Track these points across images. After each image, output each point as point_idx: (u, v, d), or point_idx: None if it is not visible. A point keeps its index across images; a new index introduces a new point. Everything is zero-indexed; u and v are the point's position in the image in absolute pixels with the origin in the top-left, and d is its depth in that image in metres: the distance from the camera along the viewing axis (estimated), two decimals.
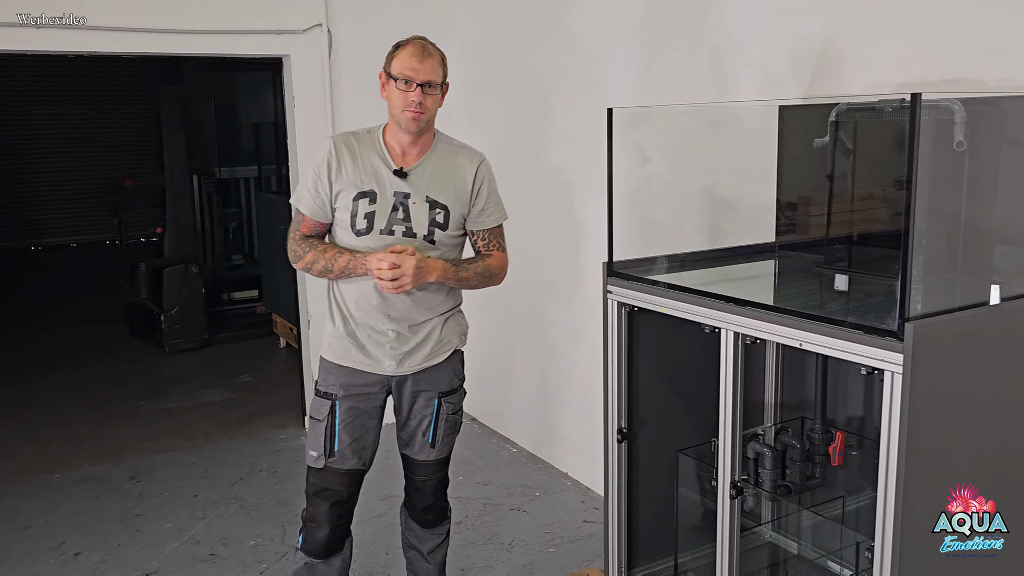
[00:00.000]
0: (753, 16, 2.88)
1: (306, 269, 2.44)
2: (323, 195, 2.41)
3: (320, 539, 2.51)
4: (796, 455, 2.46)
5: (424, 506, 2.66)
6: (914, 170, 1.68)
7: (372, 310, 2.42)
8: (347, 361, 2.46)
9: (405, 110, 2.33)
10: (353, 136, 2.46)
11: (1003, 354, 1.89)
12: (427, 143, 2.46)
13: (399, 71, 2.33)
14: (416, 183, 2.41)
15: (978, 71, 2.23)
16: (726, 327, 2.12)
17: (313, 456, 2.48)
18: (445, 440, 2.59)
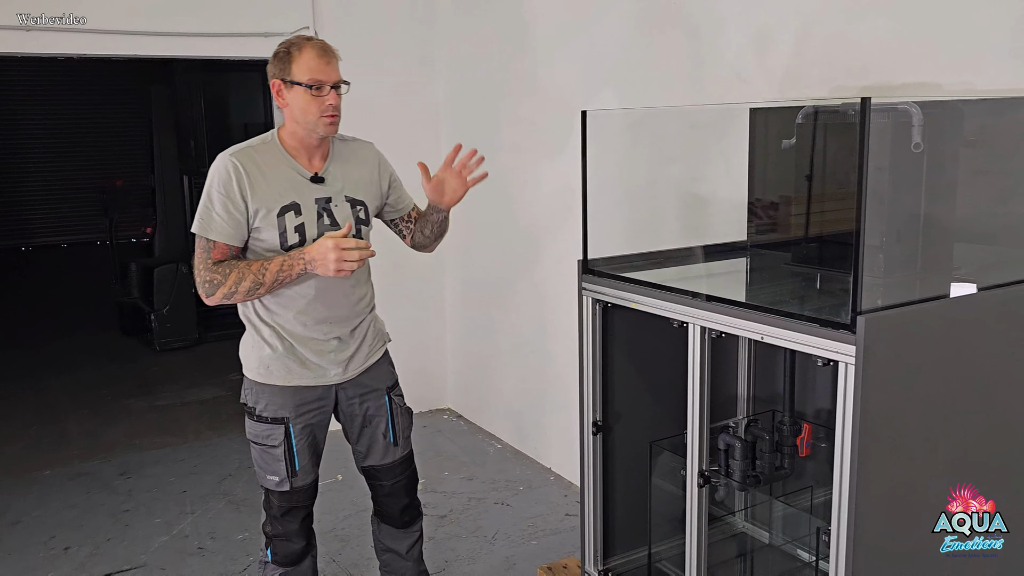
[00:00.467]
0: (724, 19, 2.97)
1: (228, 295, 2.24)
2: (237, 216, 2.24)
3: (295, 551, 2.52)
4: (765, 446, 2.54)
5: (401, 507, 2.65)
6: (864, 171, 1.76)
7: (316, 323, 2.36)
8: (291, 381, 2.38)
9: (322, 115, 2.25)
10: (252, 150, 2.32)
11: (956, 346, 1.97)
12: (326, 144, 2.40)
13: (308, 76, 2.23)
14: (333, 185, 2.37)
15: (937, 75, 2.32)
16: (693, 322, 2.20)
17: (275, 480, 2.42)
18: (404, 434, 2.60)
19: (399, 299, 4.77)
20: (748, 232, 2.77)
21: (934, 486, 2.00)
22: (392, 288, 3.58)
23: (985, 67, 2.21)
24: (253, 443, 2.43)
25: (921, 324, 1.91)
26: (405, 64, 4.73)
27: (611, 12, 3.46)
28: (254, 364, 2.41)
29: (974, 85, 2.23)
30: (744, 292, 2.68)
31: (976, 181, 2.26)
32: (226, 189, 2.24)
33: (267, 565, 2.55)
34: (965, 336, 1.99)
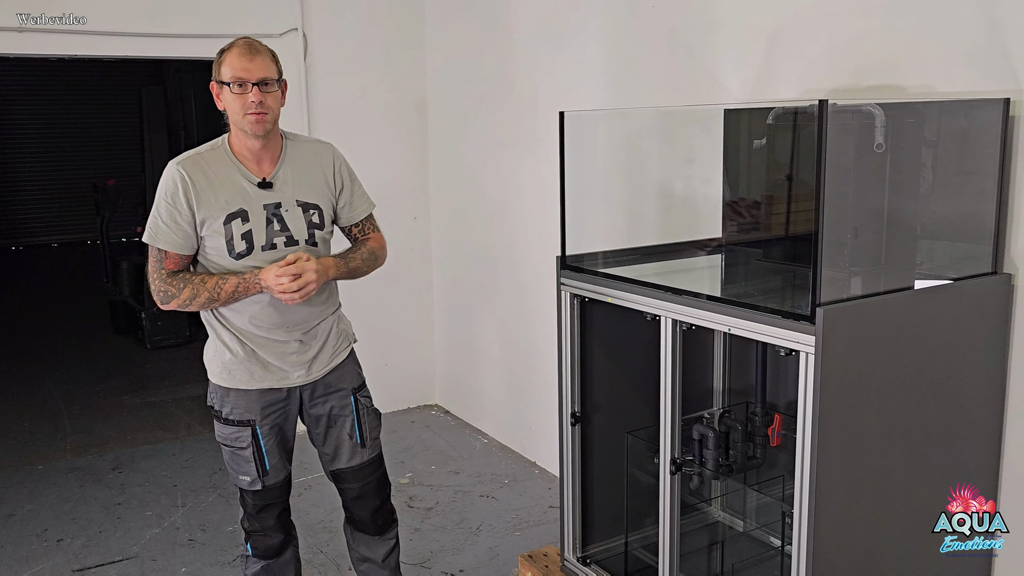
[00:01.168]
0: (699, 23, 3.05)
1: (183, 306, 2.26)
2: (185, 226, 2.24)
3: (274, 545, 2.55)
4: (738, 436, 2.63)
5: (372, 510, 2.60)
6: (822, 170, 1.85)
7: (272, 327, 2.34)
8: (254, 384, 2.37)
9: (246, 113, 2.22)
10: (199, 157, 2.30)
11: (914, 338, 2.07)
12: (277, 146, 2.36)
13: (231, 75, 2.22)
14: (282, 190, 2.33)
15: (899, 79, 2.41)
16: (664, 315, 2.29)
17: (247, 481, 2.44)
18: (372, 435, 2.56)
19: (387, 297, 4.86)
20: (722, 229, 2.86)
21: (892, 472, 2.10)
22: (380, 286, 3.66)
23: (944, 71, 2.30)
24: (223, 445, 2.45)
25: (880, 316, 2.00)
26: (392, 65, 4.81)
27: (591, 16, 3.55)
28: (217, 369, 2.40)
29: (934, 88, 2.32)
30: (719, 287, 2.78)
31: (936, 179, 2.35)
32: (172, 199, 2.24)
33: (248, 559, 2.58)
34: (923, 328, 2.08)
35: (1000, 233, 2.20)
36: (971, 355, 2.17)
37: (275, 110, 2.28)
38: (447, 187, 4.83)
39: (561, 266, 2.66)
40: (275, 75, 2.28)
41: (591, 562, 2.79)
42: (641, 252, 2.85)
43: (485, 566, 3.35)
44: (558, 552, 2.94)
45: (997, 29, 2.18)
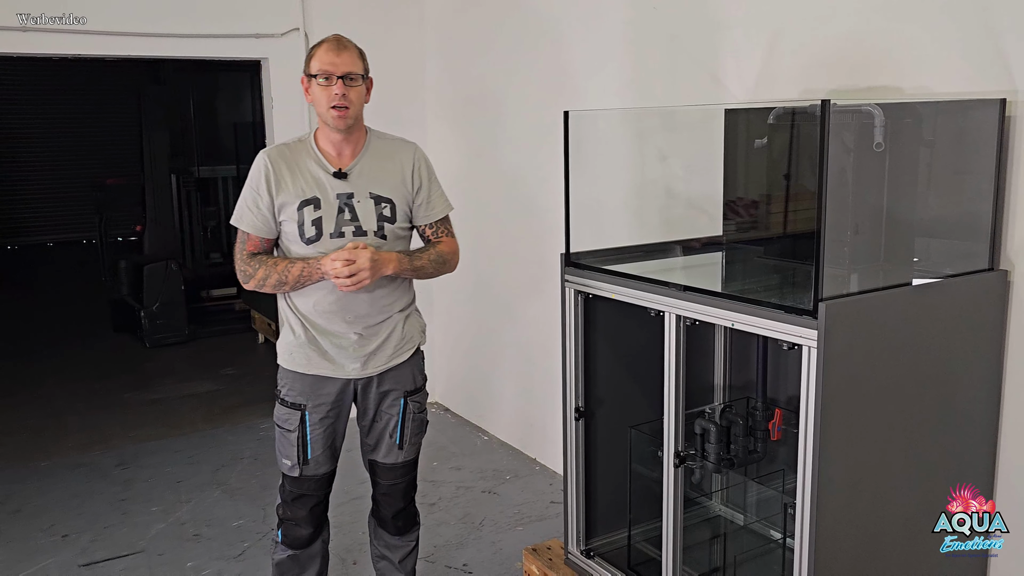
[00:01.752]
0: (701, 25, 3.10)
1: (259, 287, 2.41)
2: (265, 210, 2.39)
3: (303, 536, 2.59)
4: (739, 431, 2.68)
5: (395, 512, 2.67)
6: (824, 168, 1.89)
7: (330, 316, 2.42)
8: (311, 369, 2.45)
9: (330, 106, 2.32)
10: (286, 147, 2.44)
11: (913, 332, 2.12)
12: (360, 140, 2.45)
13: (318, 68, 2.33)
14: (357, 181, 2.42)
15: (898, 80, 2.46)
16: (668, 310, 2.34)
17: (288, 465, 2.51)
18: (412, 440, 2.59)
19: None
20: (724, 227, 2.91)
21: (890, 464, 2.15)
22: None
23: (941, 72, 2.36)
24: (276, 425, 2.54)
25: (880, 311, 2.05)
26: (395, 64, 4.84)
27: (594, 18, 3.59)
28: (282, 349, 2.51)
29: (931, 88, 2.37)
30: (719, 283, 2.82)
31: (933, 178, 2.40)
32: (256, 185, 2.40)
33: (278, 545, 2.63)
34: (922, 323, 2.13)
35: (996, 230, 2.25)
36: (968, 349, 2.22)
37: (357, 105, 2.38)
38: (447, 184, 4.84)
39: (565, 263, 2.70)
40: (360, 71, 2.37)
41: (595, 555, 2.84)
42: (642, 249, 2.90)
43: (488, 560, 3.39)
44: (561, 545, 2.99)
45: (993, 31, 2.23)
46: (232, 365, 6.18)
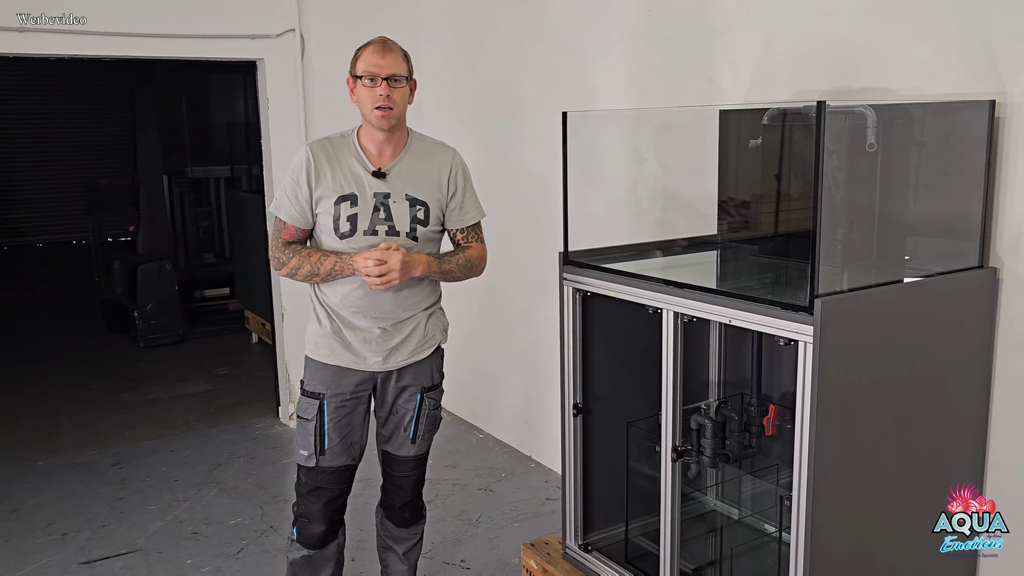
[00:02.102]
0: (696, 28, 3.15)
1: (291, 275, 2.47)
2: (303, 202, 2.45)
3: (316, 534, 2.60)
4: (734, 426, 2.73)
5: (403, 503, 2.72)
6: (819, 168, 1.94)
7: (357, 310, 2.47)
8: (333, 360, 2.50)
9: (374, 107, 2.38)
10: (328, 142, 2.50)
11: (906, 328, 2.17)
12: (401, 141, 2.52)
13: (363, 69, 2.39)
14: (394, 182, 2.47)
15: (890, 81, 2.51)
16: (666, 308, 2.38)
17: (304, 455, 2.53)
18: (425, 436, 2.65)
19: None
20: (719, 226, 2.95)
21: (884, 457, 2.19)
22: None
23: (932, 74, 2.41)
24: (297, 416, 2.59)
25: (874, 307, 2.10)
26: None
27: (590, 20, 3.63)
28: (308, 338, 2.56)
29: (922, 90, 2.42)
30: (715, 281, 2.87)
31: (924, 177, 2.45)
32: (296, 176, 2.46)
33: (293, 543, 2.65)
34: (913, 319, 2.18)
35: (985, 229, 2.30)
36: (959, 345, 2.28)
37: (401, 106, 2.44)
38: None
39: (564, 262, 2.74)
40: (404, 72, 2.44)
41: (592, 549, 2.88)
42: (639, 248, 2.94)
43: (486, 556, 3.43)
44: (559, 540, 3.02)
45: (983, 33, 2.28)
46: (226, 365, 6.19)
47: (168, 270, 6.74)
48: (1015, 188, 2.25)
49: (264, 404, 5.25)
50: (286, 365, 4.84)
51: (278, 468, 4.33)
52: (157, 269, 6.68)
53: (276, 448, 4.59)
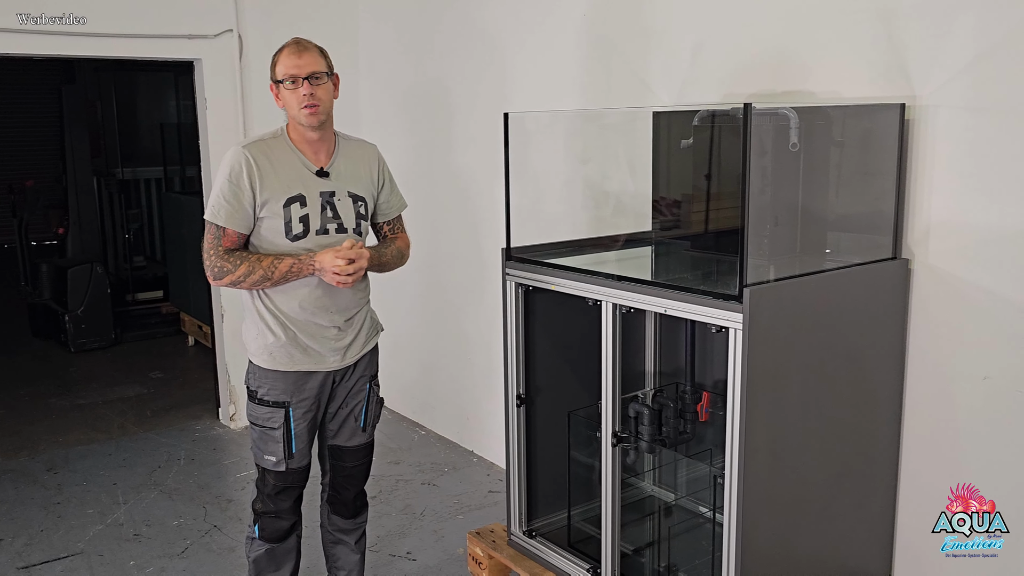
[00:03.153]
0: (630, 33, 3.28)
1: (235, 283, 2.40)
2: (246, 205, 2.39)
3: (284, 528, 2.64)
4: (670, 413, 2.86)
5: (355, 493, 2.77)
6: (747, 167, 2.07)
7: (318, 310, 2.48)
8: (294, 367, 2.50)
9: (301, 107, 2.38)
10: (263, 143, 2.46)
11: (827, 315, 2.32)
12: (332, 140, 2.54)
13: (283, 73, 2.40)
14: (337, 180, 2.50)
15: (810, 85, 2.67)
16: (605, 299, 2.49)
17: (272, 461, 2.54)
18: (373, 422, 2.71)
19: None
20: (653, 222, 3.08)
21: (808, 434, 2.35)
22: None
23: (849, 78, 2.58)
24: (253, 425, 2.57)
25: (798, 296, 2.25)
26: None
27: (527, 23, 3.74)
28: (258, 350, 2.52)
29: (841, 93, 2.59)
30: (650, 275, 3.00)
31: (843, 175, 2.62)
32: (236, 179, 2.39)
33: (254, 541, 2.66)
34: (834, 306, 2.34)
35: (898, 223, 2.48)
36: (875, 329, 2.45)
37: (326, 102, 2.44)
38: None
39: (506, 257, 2.83)
40: (324, 69, 2.43)
41: (536, 535, 2.97)
42: (577, 244, 3.05)
43: (431, 547, 3.49)
44: (504, 528, 3.11)
45: (895, 41, 2.46)
46: (161, 369, 6.10)
47: (99, 273, 6.60)
48: (924, 185, 2.44)
49: (202, 406, 5.21)
50: (226, 366, 4.81)
51: (219, 469, 4.32)
52: (88, 272, 6.54)
53: (217, 449, 4.57)
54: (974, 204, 2.34)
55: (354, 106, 4.98)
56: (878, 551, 2.61)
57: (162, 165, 8.13)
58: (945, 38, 2.35)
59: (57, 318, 6.61)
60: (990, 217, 2.31)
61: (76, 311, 6.48)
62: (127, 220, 7.86)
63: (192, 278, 6.24)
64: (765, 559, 2.30)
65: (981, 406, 2.39)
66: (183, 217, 6.42)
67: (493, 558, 3.05)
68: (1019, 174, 2.25)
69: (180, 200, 6.79)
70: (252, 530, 2.67)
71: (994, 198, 2.30)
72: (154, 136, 8.24)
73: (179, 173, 8.09)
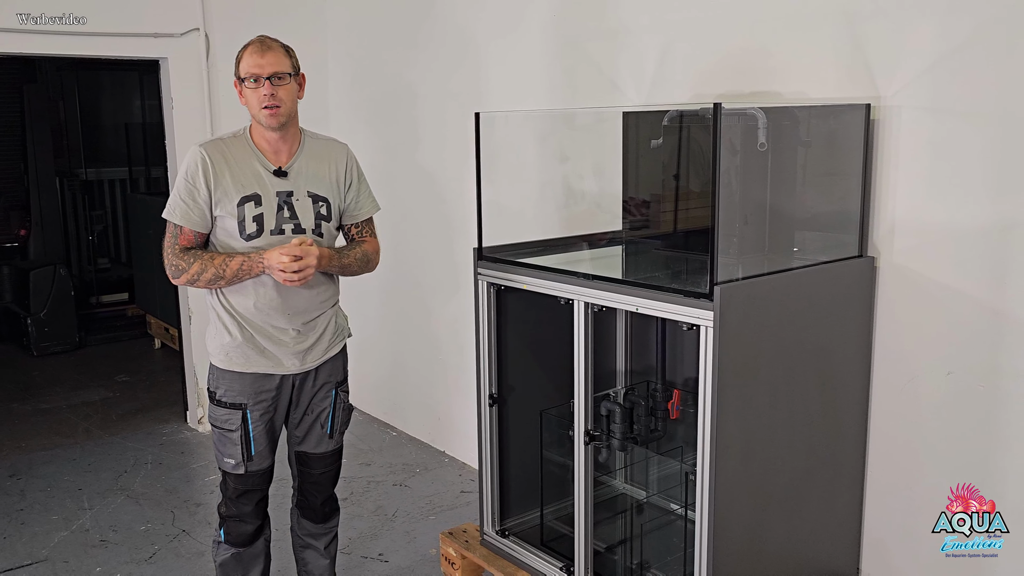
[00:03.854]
0: (600, 34, 3.30)
1: (191, 281, 2.39)
2: (202, 204, 2.38)
3: (248, 532, 2.61)
4: (641, 411, 2.88)
5: (324, 499, 2.74)
6: (717, 166, 2.10)
7: (272, 311, 2.45)
8: (250, 368, 2.47)
9: (261, 107, 2.35)
10: (221, 142, 2.45)
11: (795, 312, 2.36)
12: (295, 139, 2.49)
13: (246, 71, 2.36)
14: (296, 180, 2.46)
15: (779, 85, 2.71)
16: (577, 298, 2.50)
17: (231, 463, 2.52)
18: (341, 429, 2.68)
19: None
20: (623, 222, 3.10)
21: (778, 429, 2.38)
22: None
23: (815, 79, 2.61)
24: (213, 426, 2.54)
25: (767, 293, 2.28)
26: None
27: (497, 24, 3.74)
28: (215, 350, 2.50)
29: (807, 94, 2.62)
30: (621, 273, 3.01)
31: (810, 174, 2.66)
32: (192, 178, 2.38)
33: (220, 545, 2.64)
34: (802, 303, 2.38)
35: (864, 222, 2.52)
36: (842, 326, 2.49)
37: (288, 103, 2.40)
38: None
39: (478, 257, 2.83)
40: (288, 69, 2.40)
41: (509, 534, 2.98)
42: (548, 244, 3.06)
43: (403, 548, 3.48)
44: (477, 528, 3.11)
45: (859, 43, 2.50)
46: (127, 372, 6.01)
47: (63, 275, 6.49)
48: (889, 185, 2.48)
49: (170, 409, 5.15)
50: (194, 369, 4.76)
51: (187, 472, 4.27)
52: (51, 274, 6.43)
53: (185, 453, 4.52)
54: (936, 203, 2.39)
55: (322, 105, 4.95)
56: (846, 545, 2.65)
57: (127, 166, 8.02)
58: (907, 40, 2.39)
59: (19, 321, 6.49)
60: (951, 215, 2.36)
61: (39, 314, 6.37)
62: (91, 221, 7.75)
63: (158, 280, 6.12)
64: (736, 554, 2.33)
65: (945, 401, 2.44)
66: (149, 218, 6.33)
67: (466, 558, 3.05)
68: (978, 173, 2.30)
69: (146, 201, 6.70)
70: (218, 534, 2.64)
71: (955, 197, 2.35)
72: (119, 136, 8.11)
73: (144, 174, 7.98)
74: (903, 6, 2.39)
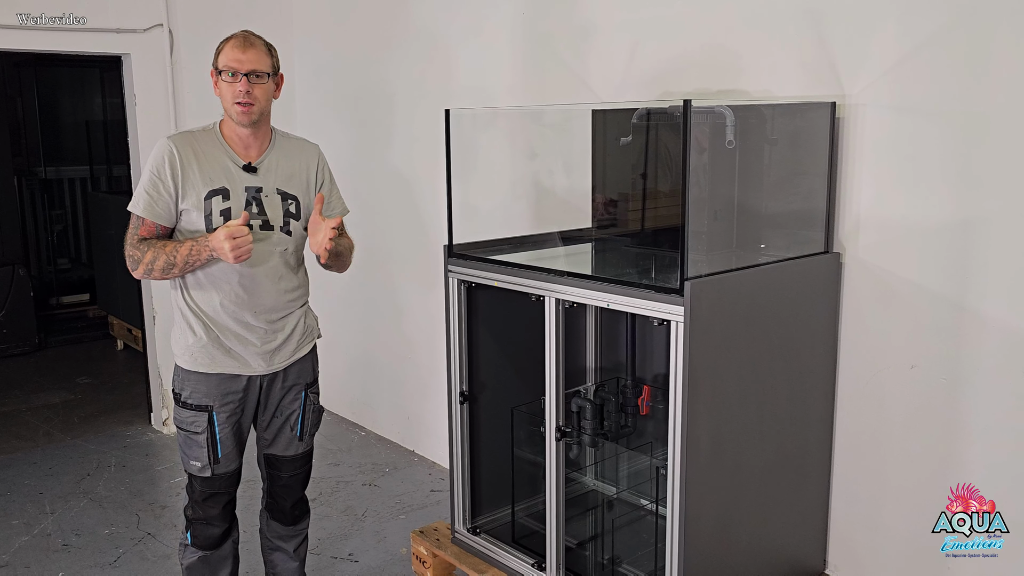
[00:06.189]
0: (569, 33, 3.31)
1: (147, 272, 2.35)
2: (166, 197, 2.35)
3: (215, 535, 2.57)
4: (612, 407, 2.90)
5: (293, 502, 2.70)
6: (687, 163, 2.11)
7: (239, 309, 2.41)
8: (215, 369, 2.44)
9: (234, 103, 2.33)
10: (191, 135, 2.42)
11: (763, 306, 2.39)
12: (266, 137, 2.47)
13: (224, 64, 2.34)
14: (265, 177, 2.43)
15: (746, 83, 2.74)
16: (548, 295, 2.51)
17: (197, 466, 2.48)
18: (311, 431, 2.64)
19: None
20: (592, 219, 3.12)
21: (748, 422, 2.40)
22: None
23: (781, 77, 2.65)
24: (179, 428, 2.50)
25: (736, 288, 2.30)
26: None
27: (464, 22, 3.74)
28: (181, 350, 2.47)
29: (774, 92, 2.66)
30: (591, 270, 3.03)
31: (777, 171, 2.69)
32: (158, 170, 2.35)
33: (187, 548, 2.60)
34: (770, 298, 2.41)
35: (830, 218, 2.56)
36: (809, 320, 2.52)
37: (262, 102, 2.38)
38: None
39: (448, 254, 2.83)
40: (267, 69, 2.38)
41: (481, 532, 2.97)
42: (517, 241, 3.06)
43: (373, 548, 3.46)
44: (448, 527, 3.10)
45: (825, 42, 2.53)
46: (88, 374, 5.91)
47: (21, 276, 6.35)
48: (853, 182, 2.52)
49: (133, 411, 5.06)
50: (158, 370, 4.69)
51: (152, 475, 4.20)
52: (10, 275, 6.29)
53: (149, 455, 4.45)
54: (899, 200, 2.44)
55: (288, 104, 4.90)
56: (814, 537, 2.69)
57: (88, 164, 7.87)
58: (872, 40, 2.43)
59: None
60: (914, 212, 2.40)
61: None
62: (51, 221, 7.60)
63: (120, 280, 6.05)
64: (707, 548, 2.35)
65: (909, 394, 2.49)
66: (110, 217, 6.23)
67: (437, 556, 3.04)
68: (940, 170, 2.35)
69: (107, 200, 6.59)
70: (185, 537, 2.61)
71: (917, 194, 2.40)
72: (79, 134, 7.97)
73: (106, 172, 7.84)
74: (867, 6, 2.43)
